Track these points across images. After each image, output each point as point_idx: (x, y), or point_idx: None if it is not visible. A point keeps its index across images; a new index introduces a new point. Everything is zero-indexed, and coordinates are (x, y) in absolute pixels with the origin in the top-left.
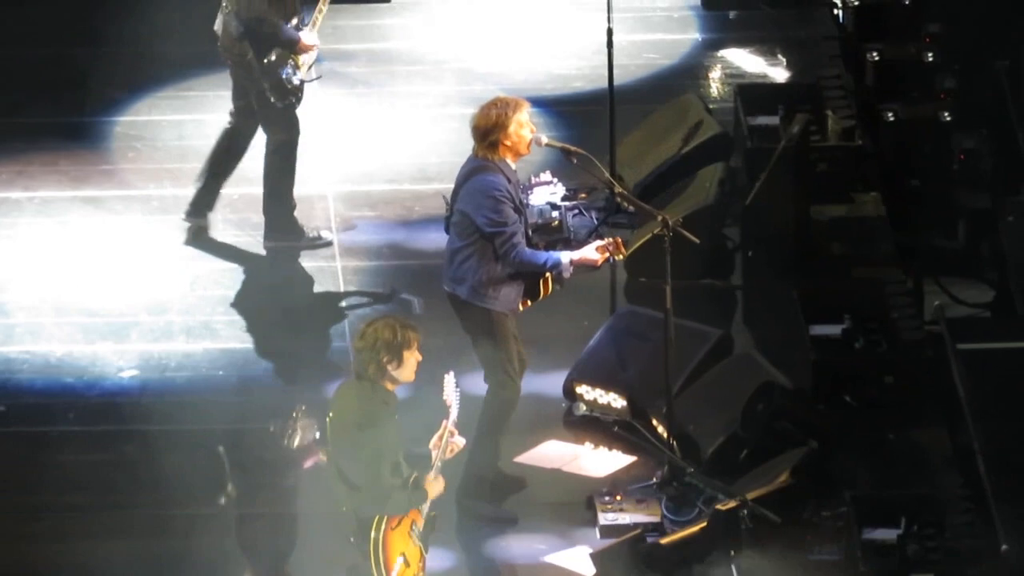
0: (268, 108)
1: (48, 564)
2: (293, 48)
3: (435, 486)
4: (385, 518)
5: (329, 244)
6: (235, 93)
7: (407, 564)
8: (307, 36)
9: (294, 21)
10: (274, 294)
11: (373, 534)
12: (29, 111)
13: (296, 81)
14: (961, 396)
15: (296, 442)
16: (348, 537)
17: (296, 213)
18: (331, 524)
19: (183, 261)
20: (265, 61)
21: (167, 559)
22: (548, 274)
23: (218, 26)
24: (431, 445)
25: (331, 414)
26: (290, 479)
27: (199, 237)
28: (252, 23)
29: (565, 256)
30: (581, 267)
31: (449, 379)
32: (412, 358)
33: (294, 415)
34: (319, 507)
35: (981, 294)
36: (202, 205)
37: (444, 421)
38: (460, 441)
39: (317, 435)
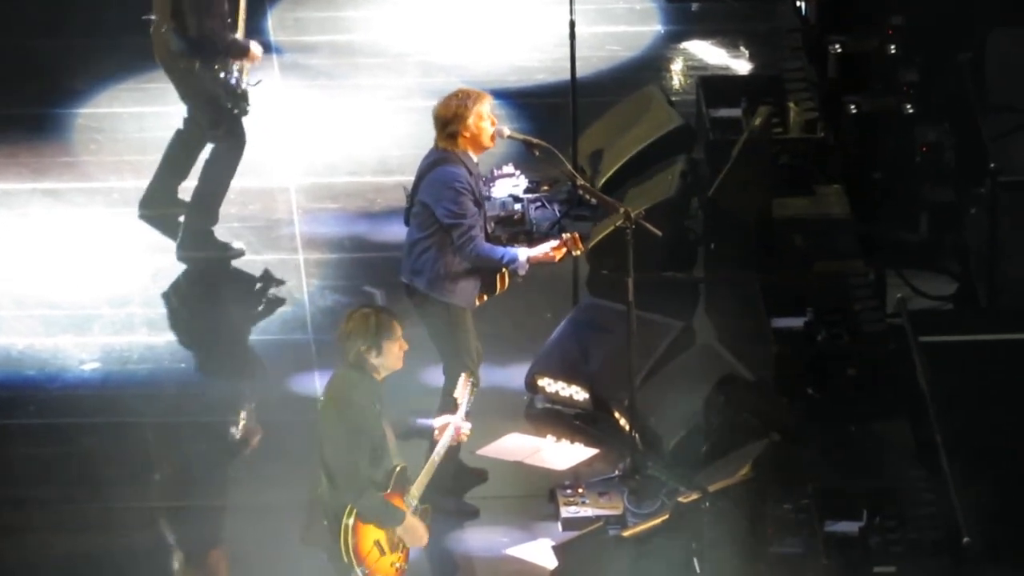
0: (217, 116)
1: (9, 556)
2: (244, 55)
3: (414, 528)
4: None
5: (242, 253)
6: (183, 101)
7: (382, 552)
8: (255, 46)
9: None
10: (236, 286)
11: (345, 520)
12: None
13: (245, 86)
14: (923, 388)
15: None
16: (322, 520)
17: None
18: (303, 513)
19: (145, 254)
20: (216, 67)
21: (129, 552)
22: (505, 269)
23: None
24: (435, 427)
25: (321, 400)
26: (256, 470)
27: (161, 230)
28: (203, 42)
29: (522, 253)
30: (538, 263)
31: (463, 379)
32: (394, 346)
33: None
34: (288, 497)
35: (943, 286)
36: (156, 199)
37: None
38: (466, 428)
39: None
